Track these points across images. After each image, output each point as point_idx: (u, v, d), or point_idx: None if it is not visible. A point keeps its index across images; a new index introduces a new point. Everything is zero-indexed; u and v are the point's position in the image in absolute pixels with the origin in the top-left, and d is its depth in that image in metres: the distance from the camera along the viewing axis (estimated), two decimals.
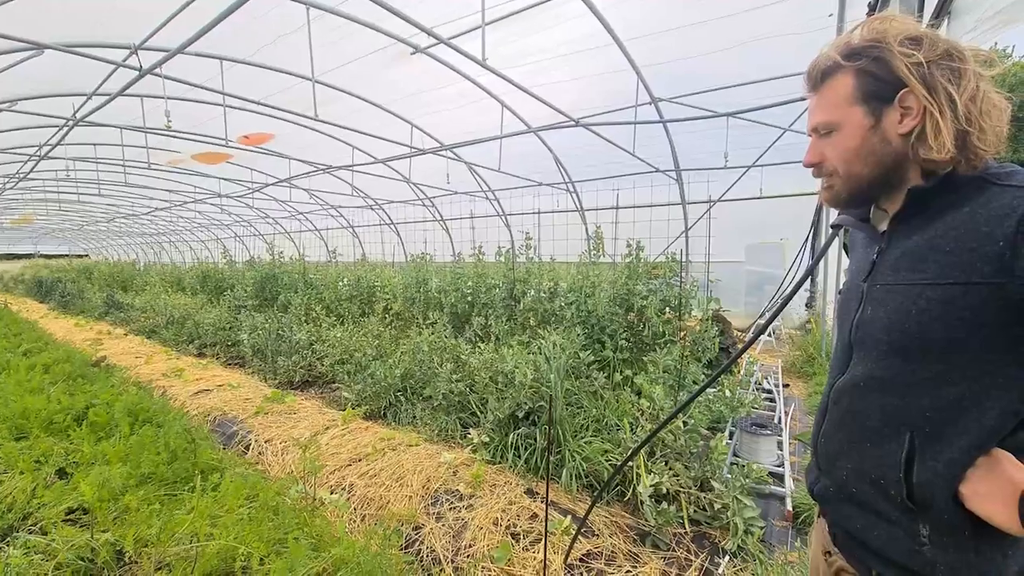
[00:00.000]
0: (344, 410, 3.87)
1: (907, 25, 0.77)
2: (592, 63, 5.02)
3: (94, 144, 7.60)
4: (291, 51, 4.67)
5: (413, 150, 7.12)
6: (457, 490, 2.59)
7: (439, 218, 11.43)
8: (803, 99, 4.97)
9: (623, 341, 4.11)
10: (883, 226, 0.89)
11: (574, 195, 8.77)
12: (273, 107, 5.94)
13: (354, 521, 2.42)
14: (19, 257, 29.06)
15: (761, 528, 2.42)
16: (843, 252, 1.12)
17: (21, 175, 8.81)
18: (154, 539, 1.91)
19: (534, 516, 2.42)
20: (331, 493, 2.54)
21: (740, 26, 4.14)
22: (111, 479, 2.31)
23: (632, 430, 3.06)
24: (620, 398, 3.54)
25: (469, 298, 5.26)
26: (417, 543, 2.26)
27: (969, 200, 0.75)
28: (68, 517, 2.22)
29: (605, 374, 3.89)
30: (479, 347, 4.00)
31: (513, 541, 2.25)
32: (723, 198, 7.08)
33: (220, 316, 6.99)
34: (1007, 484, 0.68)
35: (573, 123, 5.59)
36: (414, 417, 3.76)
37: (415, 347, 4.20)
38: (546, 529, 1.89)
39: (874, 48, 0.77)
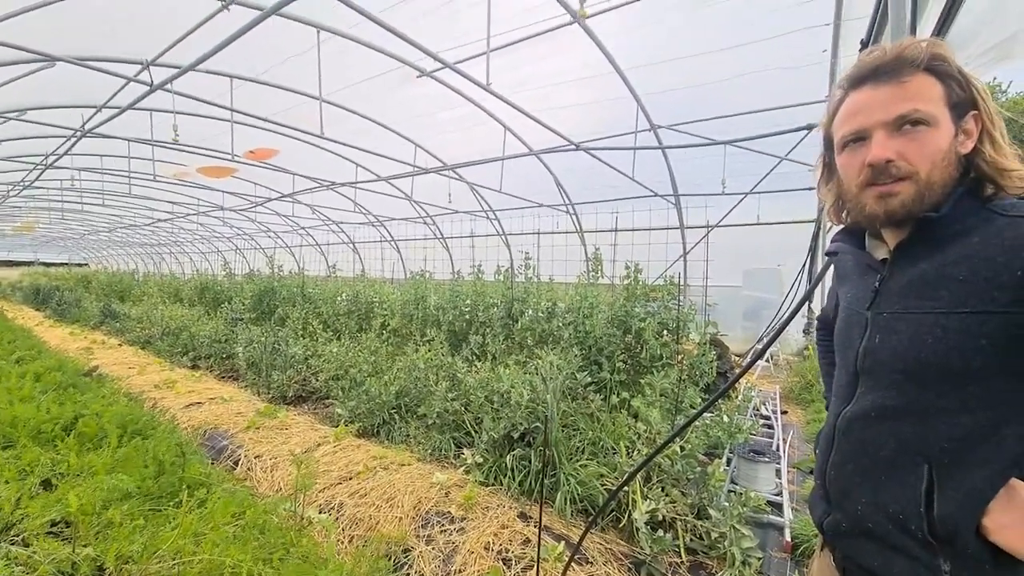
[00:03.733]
0: (337, 427, 3.82)
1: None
2: (593, 90, 5.16)
3: (100, 155, 7.70)
4: (300, 71, 4.79)
5: (416, 169, 7.22)
6: (449, 512, 2.54)
7: (439, 236, 11.52)
8: (798, 130, 5.05)
9: (620, 363, 4.09)
10: (880, 254, 0.89)
11: (574, 217, 8.87)
12: (279, 124, 6.07)
13: (342, 542, 2.36)
14: (18, 264, 29.03)
15: (759, 559, 2.36)
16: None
17: (26, 183, 8.89)
18: (136, 555, 1.86)
19: (527, 541, 2.37)
20: (320, 512, 2.49)
21: (737, 59, 4.27)
22: (96, 492, 2.26)
23: (628, 454, 3.02)
24: (617, 421, 3.50)
25: (467, 316, 5.25)
26: (406, 567, 2.20)
27: (977, 231, 0.75)
28: (51, 530, 2.16)
29: (602, 396, 3.86)
30: (475, 366, 3.98)
31: (504, 567, 2.19)
32: (721, 223, 7.16)
33: (216, 328, 6.96)
34: None
35: (574, 147, 5.70)
36: (407, 436, 3.70)
37: (411, 364, 4.18)
38: (539, 556, 1.85)
39: (950, 64, 0.76)
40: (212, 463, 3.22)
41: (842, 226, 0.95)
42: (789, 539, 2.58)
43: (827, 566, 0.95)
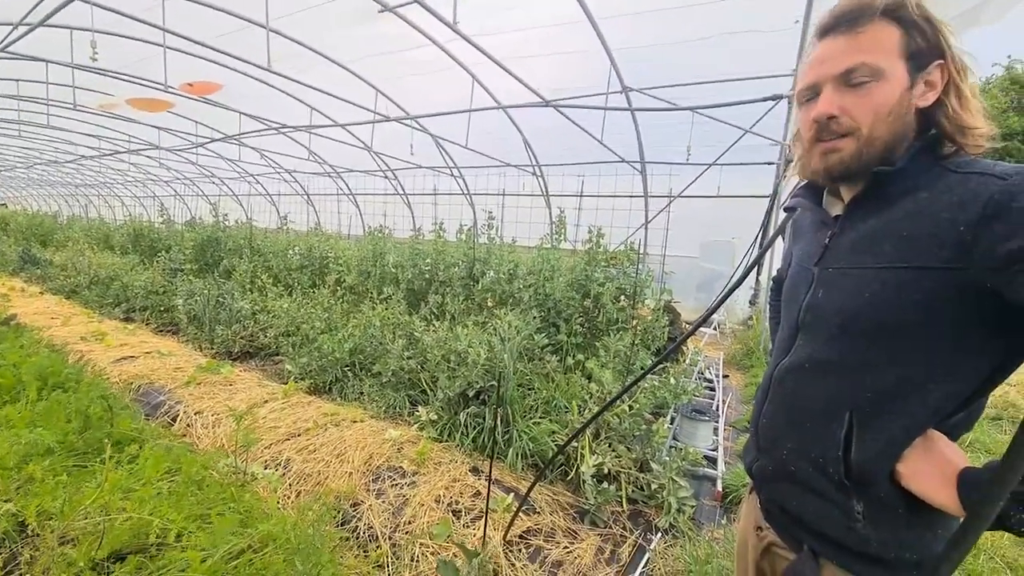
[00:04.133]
0: (287, 383, 3.70)
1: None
2: (566, 43, 4.94)
3: (16, 80, 6.71)
4: None
5: (377, 116, 6.79)
6: (400, 467, 2.54)
7: (401, 192, 11.07)
8: (764, 100, 5.06)
9: (578, 326, 4.16)
10: (835, 211, 0.88)
11: (540, 179, 8.73)
12: (220, 51, 5.45)
13: (288, 497, 2.32)
14: None
15: (693, 507, 2.54)
16: (782, 238, 1.12)
17: None
18: (58, 512, 1.74)
19: (477, 494, 2.42)
20: (265, 468, 2.42)
21: (709, 16, 4.17)
22: (14, 447, 2.08)
23: (580, 412, 3.11)
24: (571, 381, 3.59)
25: (427, 275, 5.13)
26: (355, 520, 2.20)
27: (927, 187, 0.74)
28: None
29: (558, 357, 3.94)
30: (433, 325, 3.92)
31: (454, 518, 2.24)
32: (683, 194, 7.27)
33: (153, 279, 6.46)
34: (945, 464, 0.70)
35: (544, 103, 5.51)
36: (361, 393, 3.65)
37: (367, 322, 4.06)
38: (487, 506, 1.89)
39: (920, 10, 0.73)
40: (147, 419, 3.05)
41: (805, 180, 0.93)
42: (720, 489, 2.78)
43: (753, 509, 1.00)
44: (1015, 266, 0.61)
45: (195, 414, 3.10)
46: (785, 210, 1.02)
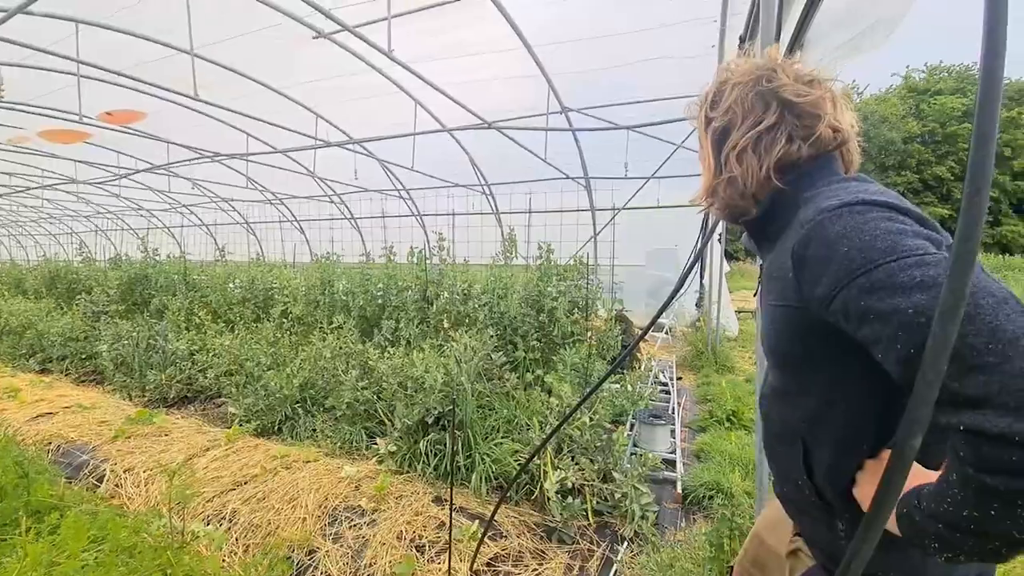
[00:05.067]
0: (230, 427, 3.46)
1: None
2: (504, 67, 5.07)
3: None
4: (165, 16, 4.08)
5: (318, 142, 6.63)
6: (359, 506, 2.43)
7: (349, 216, 10.81)
8: (686, 120, 5.49)
9: (535, 341, 4.19)
10: None
11: (490, 198, 8.82)
12: (140, 80, 5.16)
13: (235, 554, 2.15)
14: None
15: (655, 512, 2.59)
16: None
17: None
18: None
19: (442, 525, 2.36)
20: (207, 524, 2.24)
21: (639, 44, 4.44)
22: None
23: (541, 428, 3.12)
24: (532, 397, 3.60)
25: (379, 300, 5.01)
26: (311, 569, 2.07)
27: (788, 224, 0.78)
28: None
29: (517, 374, 3.94)
30: (388, 352, 3.81)
31: (418, 554, 2.16)
32: (626, 206, 7.58)
33: (72, 324, 5.89)
34: None
35: (485, 125, 5.61)
36: (314, 431, 3.47)
37: (317, 354, 3.89)
38: (451, 538, 1.84)
39: (696, 110, 0.93)
40: (69, 482, 2.74)
41: None
42: (680, 491, 2.86)
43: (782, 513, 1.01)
44: (831, 307, 0.63)
45: (124, 472, 2.82)
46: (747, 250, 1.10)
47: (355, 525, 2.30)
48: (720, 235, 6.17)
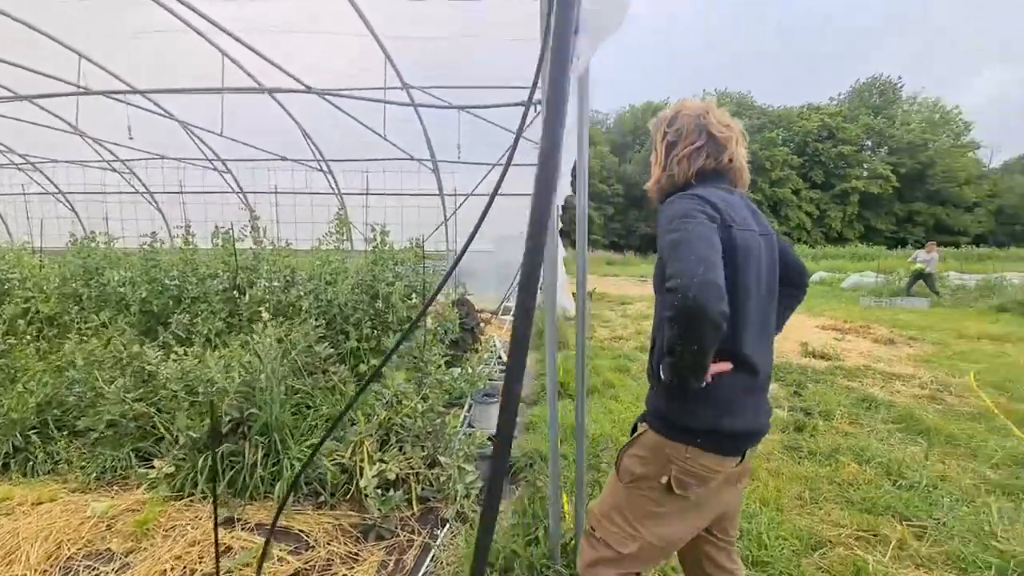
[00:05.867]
0: None
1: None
2: (331, 24, 4.54)
3: None
4: None
5: (81, 89, 5.13)
6: (107, 549, 1.92)
7: (144, 189, 8.75)
8: (519, 104, 5.62)
9: (368, 330, 3.91)
10: None
11: (329, 175, 8.02)
12: None
13: None
14: None
15: (479, 489, 2.62)
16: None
17: None
18: None
19: (228, 550, 2.00)
20: None
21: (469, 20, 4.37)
22: None
23: (368, 420, 2.91)
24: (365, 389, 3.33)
25: (173, 292, 4.11)
26: None
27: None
28: None
29: (348, 366, 3.63)
30: (176, 353, 3.13)
31: None
32: (474, 192, 7.65)
33: None
34: None
35: (305, 89, 5.01)
36: (60, 461, 2.66)
37: (66, 362, 2.99)
38: (218, 567, 1.54)
39: (653, 133, 1.33)
40: None
41: None
42: None
43: None
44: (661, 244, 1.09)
45: None
46: None
47: (99, 574, 1.80)
48: (561, 228, 6.64)
